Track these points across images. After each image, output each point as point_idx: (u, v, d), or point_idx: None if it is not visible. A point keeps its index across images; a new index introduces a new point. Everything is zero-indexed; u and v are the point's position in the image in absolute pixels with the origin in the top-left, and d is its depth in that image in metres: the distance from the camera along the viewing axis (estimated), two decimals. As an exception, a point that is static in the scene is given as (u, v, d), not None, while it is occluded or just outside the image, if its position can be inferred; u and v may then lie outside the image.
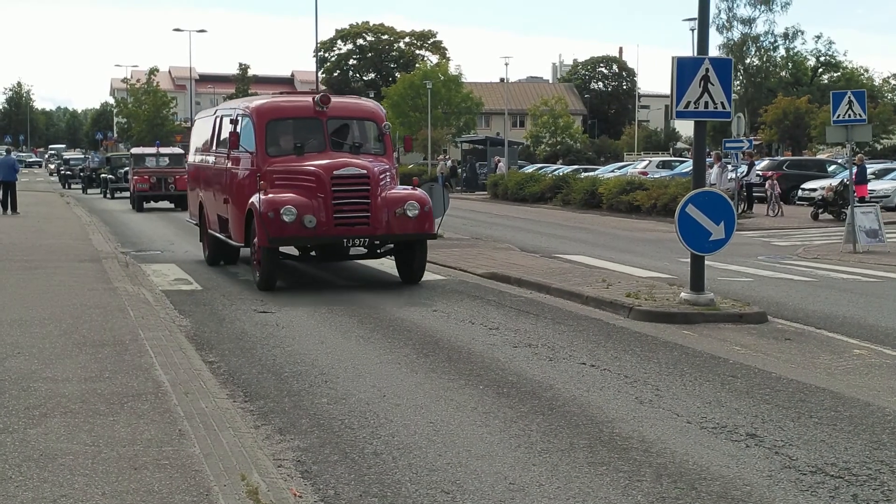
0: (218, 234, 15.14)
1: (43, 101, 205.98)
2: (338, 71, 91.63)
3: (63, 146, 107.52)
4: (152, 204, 33.32)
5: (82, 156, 64.92)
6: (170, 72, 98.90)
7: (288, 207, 12.44)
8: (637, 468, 5.68)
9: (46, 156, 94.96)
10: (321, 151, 13.64)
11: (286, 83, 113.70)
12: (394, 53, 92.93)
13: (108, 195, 40.64)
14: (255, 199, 12.81)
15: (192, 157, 17.77)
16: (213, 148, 15.77)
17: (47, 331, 9.08)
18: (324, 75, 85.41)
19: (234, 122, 14.27)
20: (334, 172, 12.75)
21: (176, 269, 15.37)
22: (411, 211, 12.95)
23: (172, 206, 32.54)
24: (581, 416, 6.82)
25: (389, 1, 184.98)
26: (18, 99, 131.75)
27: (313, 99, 14.21)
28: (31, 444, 5.67)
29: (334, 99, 14.57)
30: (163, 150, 37.51)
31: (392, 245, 13.66)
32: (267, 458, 5.72)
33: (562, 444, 6.15)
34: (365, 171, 12.88)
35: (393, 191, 13.42)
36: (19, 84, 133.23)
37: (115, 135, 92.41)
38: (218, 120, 15.79)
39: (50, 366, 7.67)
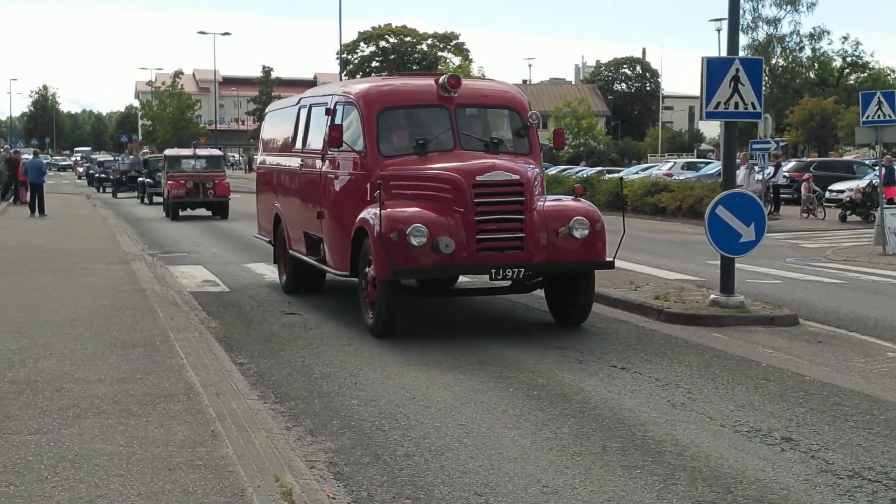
0: (304, 257, 12.02)
1: (68, 103, 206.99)
2: (360, 73, 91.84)
3: (88, 149, 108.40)
4: (188, 211, 29.19)
5: (112, 158, 63.65)
6: (194, 74, 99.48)
7: (416, 227, 9.22)
8: (671, 472, 5.64)
9: (73, 159, 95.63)
10: (450, 150, 10.40)
11: (309, 85, 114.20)
12: (416, 55, 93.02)
13: (147, 200, 36.83)
14: (367, 214, 9.70)
15: (264, 158, 14.65)
16: (300, 147, 12.42)
17: (79, 332, 9.14)
18: (347, 77, 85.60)
19: (330, 112, 11.19)
20: (477, 178, 9.43)
21: (203, 271, 15.42)
22: (578, 230, 9.66)
23: (210, 213, 29.18)
24: (613, 419, 6.78)
25: (412, 3, 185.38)
26: (44, 102, 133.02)
27: (437, 81, 10.80)
28: (65, 444, 5.70)
29: (465, 81, 10.94)
30: (200, 151, 32.90)
31: (541, 276, 10.26)
32: (299, 459, 5.72)
33: (594, 447, 6.11)
34: (517, 177, 9.53)
35: (550, 203, 10.08)
36: (45, 87, 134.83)
37: (140, 137, 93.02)
38: (304, 111, 12.55)
39: (82, 367, 7.71)
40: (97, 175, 52.56)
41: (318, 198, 11.39)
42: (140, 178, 39.20)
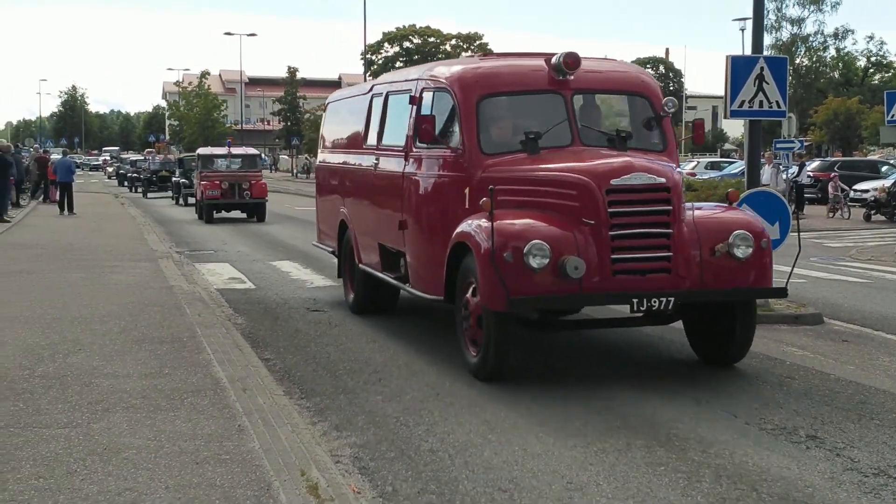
0: (379, 274, 10.15)
1: (97, 104, 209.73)
2: (385, 73, 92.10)
3: (117, 148, 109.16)
4: (222, 213, 27.64)
5: (143, 157, 62.97)
6: (220, 75, 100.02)
7: (537, 244, 7.28)
8: (696, 469, 5.64)
9: (102, 158, 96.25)
10: (566, 146, 8.45)
11: (334, 86, 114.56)
12: (440, 56, 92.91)
13: (181, 201, 35.00)
14: (469, 226, 7.82)
15: (326, 157, 12.71)
16: (373, 142, 10.45)
17: (107, 328, 9.24)
18: (371, 77, 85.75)
19: (415, 101, 9.22)
20: (612, 182, 7.44)
21: (230, 269, 15.53)
22: (741, 248, 7.66)
23: (245, 215, 27.74)
24: (637, 416, 6.78)
25: (436, 4, 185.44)
26: (73, 102, 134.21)
27: (549, 61, 8.72)
28: (94, 438, 5.78)
29: (584, 61, 8.75)
30: (235, 150, 30.74)
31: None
32: (325, 454, 5.77)
33: (619, 443, 6.12)
34: (663, 180, 7.53)
35: (700, 213, 8.01)
36: (74, 87, 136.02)
37: (167, 137, 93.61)
38: (377, 101, 10.56)
39: (111, 362, 7.80)
40: (129, 174, 51.19)
41: (400, 204, 9.37)
42: (175, 178, 37.78)
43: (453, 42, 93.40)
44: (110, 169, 73.36)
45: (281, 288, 13.33)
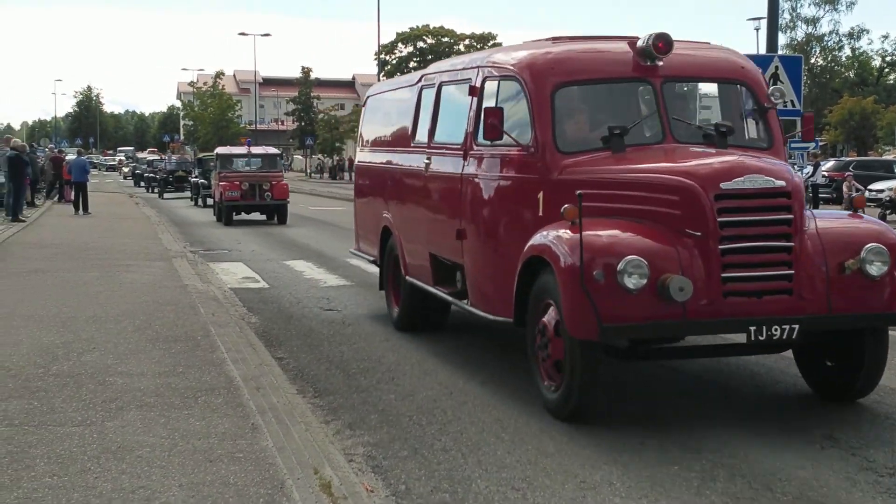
0: (430, 288, 9.00)
1: (112, 104, 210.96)
2: (398, 73, 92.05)
3: (131, 149, 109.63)
4: (242, 215, 26.55)
5: (159, 157, 60.25)
6: (234, 75, 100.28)
7: (633, 260, 6.10)
8: (710, 468, 5.62)
9: (117, 158, 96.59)
10: (657, 143, 7.33)
11: (348, 86, 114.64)
12: (454, 55, 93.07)
13: (200, 202, 33.75)
14: (547, 237, 6.60)
15: (366, 156, 11.49)
16: (423, 140, 9.26)
17: (122, 327, 9.27)
18: (385, 77, 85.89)
19: (476, 91, 8.08)
20: (722, 185, 6.28)
21: (243, 268, 15.57)
22: (875, 265, 6.43)
23: (265, 217, 26.84)
24: (651, 416, 6.76)
25: (450, 4, 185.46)
26: (88, 102, 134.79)
27: (633, 45, 7.52)
28: (108, 436, 5.79)
29: (676, 44, 7.46)
30: (255, 149, 29.57)
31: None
32: (338, 452, 5.77)
33: (632, 443, 6.10)
34: (782, 183, 6.36)
35: (824, 223, 6.72)
36: (89, 88, 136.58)
37: (182, 137, 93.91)
38: (428, 92, 9.37)
39: (125, 361, 7.83)
40: (145, 174, 49.88)
41: (458, 210, 8.21)
42: (193, 178, 36.59)
43: (467, 42, 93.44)
44: (126, 169, 72.25)
45: (294, 287, 13.35)
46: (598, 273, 6.09)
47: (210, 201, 30.33)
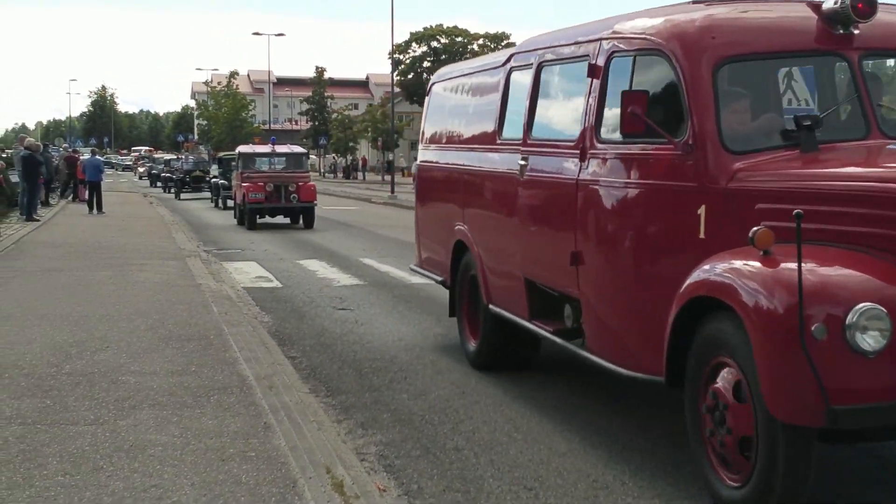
0: (525, 322, 7.16)
1: (126, 104, 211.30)
2: (412, 73, 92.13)
3: (146, 148, 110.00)
4: (266, 219, 24.82)
5: (175, 156, 58.94)
6: (248, 75, 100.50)
7: (868, 309, 4.26)
8: (723, 468, 5.59)
9: (133, 156, 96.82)
10: (860, 138, 5.48)
11: (361, 86, 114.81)
12: (467, 55, 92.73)
13: (220, 204, 32.28)
14: (719, 270, 4.85)
15: (431, 154, 9.48)
16: (518, 135, 7.32)
17: (135, 325, 9.29)
18: (398, 77, 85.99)
19: (597, 71, 6.21)
20: None
21: (256, 267, 15.59)
22: None
23: (289, 220, 25.23)
24: (663, 415, 6.72)
25: (463, 3, 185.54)
26: (103, 102, 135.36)
27: (818, 7, 5.64)
28: (121, 435, 5.80)
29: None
30: (279, 147, 27.31)
31: None
32: (350, 451, 5.76)
33: (645, 443, 6.08)
34: None
35: None
36: (104, 87, 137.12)
37: (196, 137, 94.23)
38: (524, 76, 7.45)
39: (138, 359, 7.84)
40: (162, 174, 48.74)
41: (571, 226, 6.26)
42: (214, 179, 34.83)
43: (480, 42, 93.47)
44: (142, 169, 69.06)
45: (307, 286, 13.36)
46: (817, 328, 4.23)
47: (230, 203, 28.97)
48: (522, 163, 7.10)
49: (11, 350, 8.07)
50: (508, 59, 7.83)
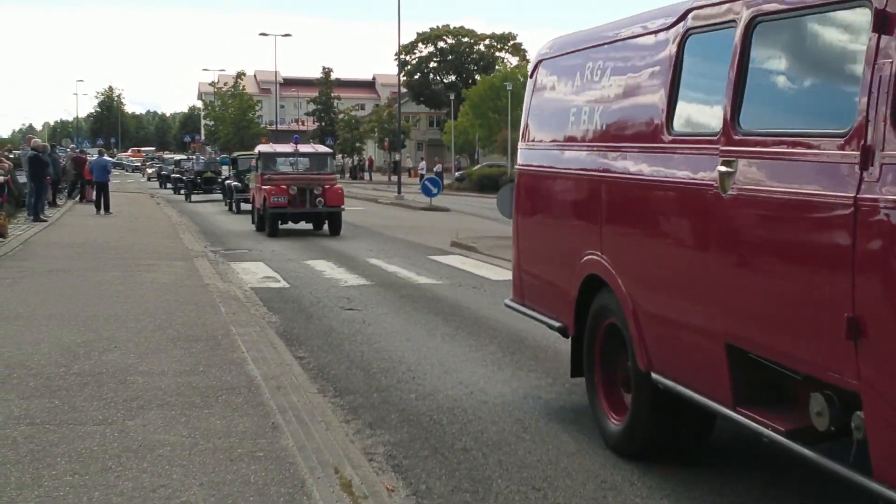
0: (723, 409, 4.78)
1: (133, 105, 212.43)
2: (418, 73, 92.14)
3: (153, 149, 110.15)
4: (288, 225, 22.94)
5: (186, 157, 56.97)
6: (255, 75, 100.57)
7: None
8: (731, 466, 5.58)
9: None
10: None
11: (368, 86, 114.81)
12: (474, 56, 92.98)
13: (234, 208, 30.54)
14: None
15: (541, 156, 7.19)
16: (711, 129, 4.85)
17: (142, 326, 9.30)
18: (405, 77, 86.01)
19: (891, 23, 3.62)
20: None
21: (264, 268, 15.60)
22: None
23: (311, 226, 23.51)
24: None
25: (470, 4, 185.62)
26: (110, 103, 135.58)
27: None
28: (129, 435, 5.80)
29: None
30: (302, 147, 24.59)
31: None
32: (358, 451, 5.76)
33: (654, 443, 6.05)
34: None
35: None
36: (110, 88, 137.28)
37: (203, 137, 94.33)
38: (721, 38, 4.84)
39: (146, 360, 7.84)
40: (171, 175, 46.62)
41: (845, 275, 3.84)
42: (227, 181, 33.16)
43: (487, 42, 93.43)
44: (150, 171, 65.67)
45: (315, 287, 13.36)
46: None
47: (245, 206, 27.26)
48: (725, 169, 4.68)
49: (20, 350, 8.08)
50: (682, 18, 5.35)
